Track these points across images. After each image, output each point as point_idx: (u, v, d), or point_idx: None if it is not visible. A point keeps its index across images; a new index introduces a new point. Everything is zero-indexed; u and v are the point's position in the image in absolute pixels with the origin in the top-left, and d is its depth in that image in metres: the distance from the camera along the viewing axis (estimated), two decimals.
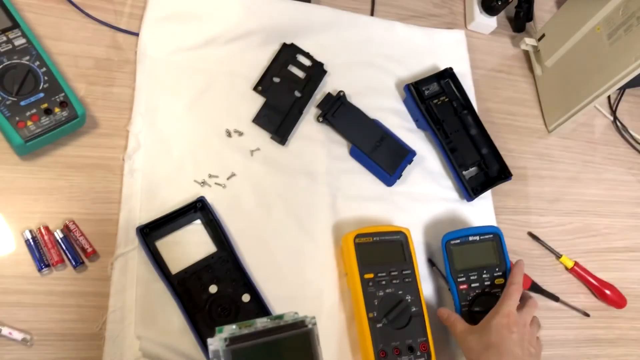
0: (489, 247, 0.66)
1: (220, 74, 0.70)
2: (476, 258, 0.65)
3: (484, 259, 0.65)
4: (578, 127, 0.91)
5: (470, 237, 0.66)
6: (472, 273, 0.64)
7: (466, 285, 0.64)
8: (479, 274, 0.64)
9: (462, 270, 0.64)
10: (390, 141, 0.72)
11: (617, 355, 0.77)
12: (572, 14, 0.82)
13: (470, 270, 0.64)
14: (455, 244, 0.65)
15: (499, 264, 0.65)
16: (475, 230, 0.67)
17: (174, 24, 0.70)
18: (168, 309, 0.57)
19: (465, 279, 0.64)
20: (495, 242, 0.66)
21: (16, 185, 0.58)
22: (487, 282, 0.64)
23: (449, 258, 0.65)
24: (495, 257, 0.66)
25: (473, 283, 0.64)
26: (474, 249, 0.65)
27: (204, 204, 0.61)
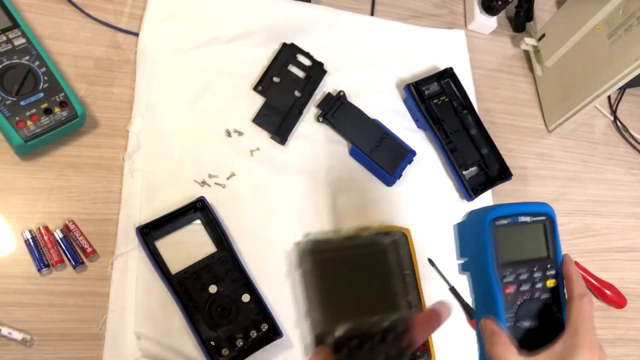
0: (540, 233, 0.46)
1: (220, 74, 0.70)
2: (526, 248, 0.45)
3: (534, 250, 0.45)
4: (578, 127, 0.91)
5: (521, 216, 0.45)
6: (522, 270, 0.44)
7: (514, 287, 0.43)
8: (529, 271, 0.44)
9: (509, 264, 0.43)
10: (390, 141, 0.72)
11: (617, 355, 0.76)
12: (573, 14, 0.82)
13: (519, 265, 0.44)
14: (504, 224, 0.44)
15: (551, 258, 0.45)
16: (526, 207, 0.46)
17: (174, 24, 0.70)
18: (168, 309, 0.57)
19: (513, 277, 0.43)
20: (548, 227, 0.46)
21: (16, 185, 0.58)
22: (538, 283, 0.44)
23: (496, 246, 0.43)
24: (547, 248, 0.46)
25: (523, 285, 0.44)
26: (524, 235, 0.45)
27: (204, 204, 0.61)
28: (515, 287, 0.43)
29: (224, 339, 0.56)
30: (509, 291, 0.43)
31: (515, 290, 0.43)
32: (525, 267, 0.44)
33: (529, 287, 0.44)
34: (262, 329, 0.58)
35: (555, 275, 0.45)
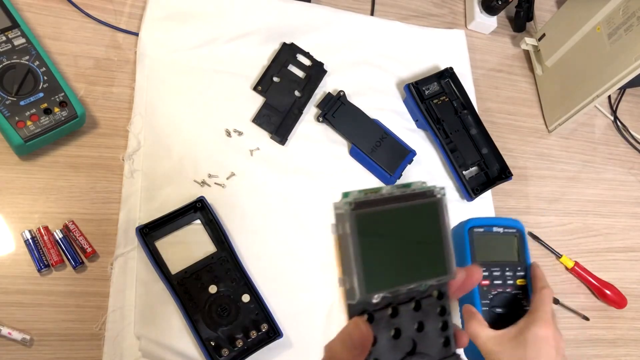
0: (512, 242, 0.59)
1: (221, 74, 0.70)
2: (499, 252, 0.58)
3: (507, 255, 0.58)
4: (578, 127, 0.91)
5: (494, 227, 0.58)
6: (495, 268, 0.57)
7: (488, 281, 0.56)
8: (501, 270, 0.57)
9: (484, 263, 0.57)
10: (390, 141, 0.72)
11: (617, 355, 0.76)
12: (573, 13, 0.82)
13: (493, 264, 0.57)
14: (479, 232, 0.57)
15: (521, 262, 0.58)
16: (499, 221, 0.59)
17: (174, 24, 0.70)
18: (168, 309, 0.57)
19: (487, 273, 0.57)
20: (518, 238, 0.59)
21: (16, 185, 0.58)
22: (509, 280, 0.57)
23: (472, 247, 0.57)
24: (517, 254, 0.58)
25: (496, 280, 0.56)
26: (497, 242, 0.59)
27: (203, 203, 0.61)
28: (490, 282, 0.56)
29: (224, 339, 0.56)
30: (485, 283, 0.56)
31: (489, 284, 0.56)
32: (498, 267, 0.57)
33: (501, 282, 0.56)
34: (262, 329, 0.58)
35: (525, 276, 0.57)
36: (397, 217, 0.35)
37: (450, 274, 0.35)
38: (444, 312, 0.35)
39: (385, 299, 0.33)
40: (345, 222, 0.33)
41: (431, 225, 0.36)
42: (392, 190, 0.35)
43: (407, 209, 0.35)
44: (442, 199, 0.36)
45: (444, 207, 0.36)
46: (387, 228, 0.35)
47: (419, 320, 0.34)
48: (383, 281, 0.33)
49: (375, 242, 0.34)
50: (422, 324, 0.34)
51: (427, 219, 0.36)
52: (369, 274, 0.33)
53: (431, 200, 0.36)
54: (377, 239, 0.34)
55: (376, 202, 0.34)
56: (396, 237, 0.35)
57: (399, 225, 0.35)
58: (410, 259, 0.35)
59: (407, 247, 0.35)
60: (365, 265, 0.33)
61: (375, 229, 0.34)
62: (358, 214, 0.33)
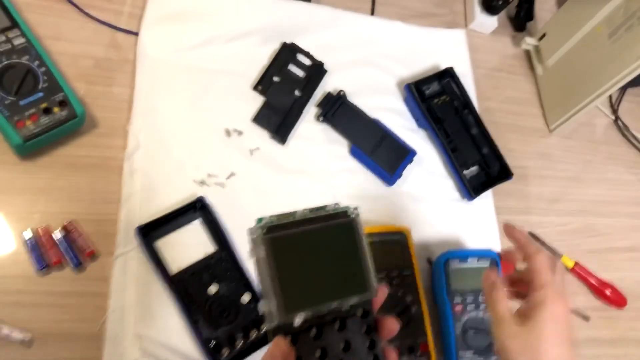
0: None
1: (220, 74, 0.70)
2: (473, 281, 0.63)
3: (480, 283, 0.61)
4: (579, 126, 0.91)
5: (469, 258, 0.64)
6: (469, 296, 0.63)
7: (461, 307, 0.62)
8: (475, 297, 0.63)
9: (458, 291, 0.63)
10: (390, 141, 0.72)
11: (617, 355, 0.76)
12: (573, 13, 0.82)
13: (467, 292, 0.63)
14: (454, 264, 0.64)
15: None
16: (474, 252, 0.65)
17: (174, 24, 0.70)
18: (168, 309, 0.57)
19: (461, 300, 0.63)
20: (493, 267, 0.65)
21: (16, 185, 0.58)
22: (482, 305, 0.63)
23: (447, 278, 0.63)
24: None
25: (468, 305, 0.62)
26: (472, 272, 0.64)
27: (203, 203, 0.61)
28: (462, 307, 0.62)
29: (224, 339, 0.56)
30: (457, 309, 0.62)
31: (462, 310, 0.62)
32: (472, 294, 0.63)
33: (474, 307, 0.62)
34: (262, 329, 0.58)
35: None
36: (311, 238, 0.35)
37: (371, 291, 0.35)
38: (370, 331, 0.35)
39: (307, 321, 0.33)
40: (259, 246, 0.33)
41: (347, 245, 0.36)
42: (306, 214, 0.35)
43: (321, 230, 0.35)
44: (356, 219, 0.37)
45: (359, 226, 0.37)
46: (303, 250, 0.35)
47: (345, 339, 0.34)
48: (302, 303, 0.33)
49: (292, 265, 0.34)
50: (349, 343, 0.34)
51: (343, 239, 0.36)
52: (287, 297, 0.33)
53: (345, 221, 0.36)
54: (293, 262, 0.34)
55: (290, 226, 0.35)
56: (313, 258, 0.35)
57: (314, 247, 0.35)
58: (329, 280, 0.35)
59: (324, 268, 0.35)
60: (282, 288, 0.33)
61: (291, 252, 0.34)
62: (271, 238, 0.33)
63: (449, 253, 0.65)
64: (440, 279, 0.63)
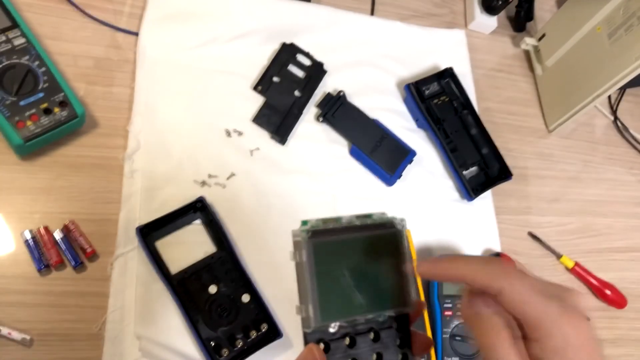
0: None
1: (220, 74, 0.70)
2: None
3: None
4: (578, 126, 0.91)
5: None
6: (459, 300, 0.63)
7: (451, 312, 0.63)
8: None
9: (449, 296, 0.63)
10: (390, 141, 0.72)
11: (617, 355, 0.76)
12: (573, 13, 0.82)
13: (458, 297, 0.63)
14: None
15: None
16: None
17: (174, 24, 0.70)
18: (168, 309, 0.57)
19: (451, 304, 0.63)
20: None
21: (16, 185, 0.58)
22: None
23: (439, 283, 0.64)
24: None
25: (459, 311, 0.63)
26: None
27: (203, 204, 0.61)
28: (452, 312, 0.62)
29: (224, 339, 0.56)
30: (447, 314, 0.62)
31: (452, 315, 0.62)
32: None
33: None
34: (262, 329, 0.58)
35: None
36: (355, 246, 0.35)
37: (410, 305, 0.35)
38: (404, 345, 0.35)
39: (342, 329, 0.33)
40: (302, 249, 0.33)
41: (391, 256, 0.35)
42: (352, 220, 0.35)
43: (366, 239, 0.35)
44: (402, 231, 0.36)
45: (404, 238, 0.36)
46: (345, 257, 0.34)
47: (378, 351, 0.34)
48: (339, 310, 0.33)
49: (333, 271, 0.33)
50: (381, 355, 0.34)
51: (387, 250, 0.35)
52: (325, 303, 0.32)
53: (391, 231, 0.36)
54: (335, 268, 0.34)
55: (335, 231, 0.34)
56: (354, 266, 0.34)
57: (357, 255, 0.34)
58: (368, 289, 0.34)
59: (365, 277, 0.34)
60: (321, 294, 0.32)
61: (333, 258, 0.34)
62: (315, 242, 0.33)
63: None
64: (432, 282, 0.64)
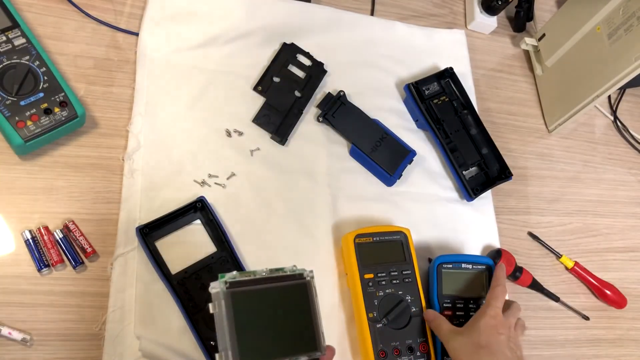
0: (480, 278, 0.65)
1: (220, 74, 0.70)
2: (466, 287, 0.64)
3: (474, 289, 0.64)
4: (578, 126, 0.91)
5: (463, 264, 0.65)
6: (459, 301, 0.63)
7: (451, 312, 0.62)
8: (465, 303, 0.63)
9: (449, 295, 0.63)
10: (390, 141, 0.72)
11: (617, 355, 0.76)
12: (573, 13, 0.82)
13: (457, 297, 0.63)
14: (448, 268, 0.64)
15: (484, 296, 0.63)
16: (469, 258, 0.66)
17: (174, 24, 0.70)
18: (168, 309, 0.57)
19: (451, 304, 0.63)
20: (487, 274, 0.65)
21: (16, 185, 0.58)
22: (472, 312, 0.63)
23: (438, 281, 0.64)
24: (484, 288, 0.64)
25: (458, 311, 0.63)
26: (465, 277, 0.64)
27: (203, 204, 0.61)
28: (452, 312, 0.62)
29: None
30: (447, 313, 0.62)
31: (452, 314, 0.62)
32: (462, 300, 0.63)
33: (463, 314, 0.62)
34: None
35: None
36: (269, 296, 0.39)
37: (321, 350, 0.40)
38: None
39: None
40: (220, 300, 0.37)
41: (301, 305, 0.40)
42: (265, 273, 0.39)
43: (278, 290, 0.40)
44: (311, 282, 0.41)
45: (313, 288, 0.41)
46: (260, 307, 0.39)
47: None
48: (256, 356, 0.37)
49: (249, 320, 0.38)
50: None
51: (297, 300, 0.40)
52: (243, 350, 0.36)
53: (301, 282, 0.41)
54: (250, 317, 0.38)
55: (250, 283, 0.39)
56: (269, 315, 0.39)
57: (271, 305, 0.39)
58: (282, 336, 0.39)
59: (279, 325, 0.39)
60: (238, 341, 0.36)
61: (248, 308, 0.38)
62: (232, 293, 0.37)
63: (443, 257, 0.65)
64: (433, 281, 0.64)
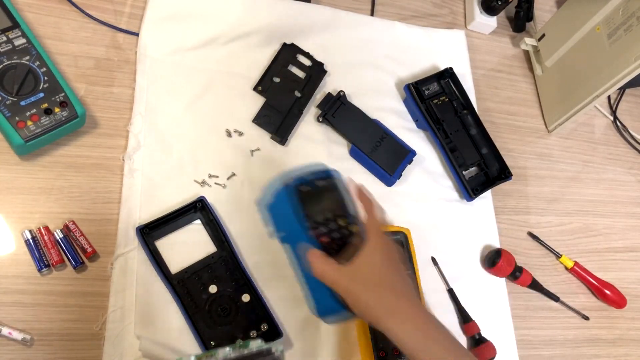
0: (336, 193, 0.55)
1: (220, 74, 0.70)
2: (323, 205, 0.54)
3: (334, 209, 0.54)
4: (578, 127, 0.91)
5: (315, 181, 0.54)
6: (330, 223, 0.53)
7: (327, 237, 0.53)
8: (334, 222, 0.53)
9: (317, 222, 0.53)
10: (390, 141, 0.72)
11: (617, 355, 0.77)
12: (572, 13, 0.82)
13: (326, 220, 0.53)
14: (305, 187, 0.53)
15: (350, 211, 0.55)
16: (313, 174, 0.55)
17: (174, 24, 0.70)
18: (168, 309, 0.57)
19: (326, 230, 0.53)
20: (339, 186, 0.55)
21: (16, 185, 0.58)
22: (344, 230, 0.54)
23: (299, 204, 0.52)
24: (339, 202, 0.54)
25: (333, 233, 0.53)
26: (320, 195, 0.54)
27: (204, 203, 0.61)
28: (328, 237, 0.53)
29: (224, 339, 0.56)
30: (324, 240, 0.52)
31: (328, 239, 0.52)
32: (331, 221, 0.53)
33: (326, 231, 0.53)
34: (262, 329, 0.58)
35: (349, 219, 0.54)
36: None
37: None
38: None
39: None
40: None
41: None
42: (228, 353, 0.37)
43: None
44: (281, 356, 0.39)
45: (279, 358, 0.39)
46: None
47: None
48: None
49: None
50: None
51: None
52: None
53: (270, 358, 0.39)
54: None
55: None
56: None
57: None
58: None
59: None
60: None
61: None
62: None
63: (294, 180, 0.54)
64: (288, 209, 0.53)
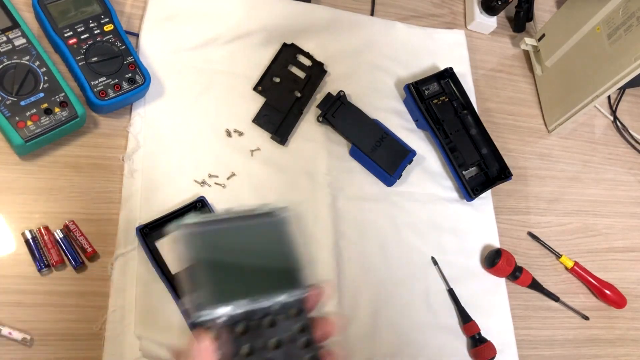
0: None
1: (221, 74, 0.70)
2: (76, 10, 0.61)
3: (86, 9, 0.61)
4: (578, 127, 0.91)
5: None
6: (79, 26, 0.60)
7: (75, 40, 0.60)
8: (85, 24, 0.60)
9: (66, 26, 0.60)
10: (390, 141, 0.72)
11: (617, 355, 0.77)
12: (572, 14, 0.82)
13: (76, 24, 0.60)
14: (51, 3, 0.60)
15: (103, 11, 0.62)
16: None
17: (174, 24, 0.70)
18: (168, 309, 0.57)
19: (72, 32, 0.60)
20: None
21: (16, 185, 0.58)
22: (96, 30, 0.60)
23: (47, 16, 0.59)
24: (98, 5, 0.62)
25: (82, 34, 0.60)
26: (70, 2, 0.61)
27: (204, 203, 0.61)
28: (77, 39, 0.58)
29: None
30: (72, 42, 0.58)
31: (77, 41, 0.58)
32: (82, 23, 0.59)
33: (88, 35, 0.59)
34: None
35: (110, 21, 0.61)
36: (237, 236, 0.34)
37: (303, 289, 0.34)
38: (303, 330, 0.34)
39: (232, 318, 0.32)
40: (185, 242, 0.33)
41: (277, 243, 0.35)
42: (232, 213, 0.35)
43: (249, 227, 0.35)
44: (285, 218, 0.36)
45: (288, 225, 0.36)
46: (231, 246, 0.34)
47: (277, 338, 0.33)
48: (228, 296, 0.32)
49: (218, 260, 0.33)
50: (280, 342, 0.33)
51: (273, 236, 0.35)
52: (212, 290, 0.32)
53: (273, 220, 0.36)
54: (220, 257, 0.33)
55: (213, 223, 0.34)
56: (239, 255, 0.34)
57: (243, 243, 0.34)
58: (257, 276, 0.34)
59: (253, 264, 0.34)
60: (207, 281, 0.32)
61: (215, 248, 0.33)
62: (192, 233, 0.33)
63: None
64: (42, 18, 0.60)
